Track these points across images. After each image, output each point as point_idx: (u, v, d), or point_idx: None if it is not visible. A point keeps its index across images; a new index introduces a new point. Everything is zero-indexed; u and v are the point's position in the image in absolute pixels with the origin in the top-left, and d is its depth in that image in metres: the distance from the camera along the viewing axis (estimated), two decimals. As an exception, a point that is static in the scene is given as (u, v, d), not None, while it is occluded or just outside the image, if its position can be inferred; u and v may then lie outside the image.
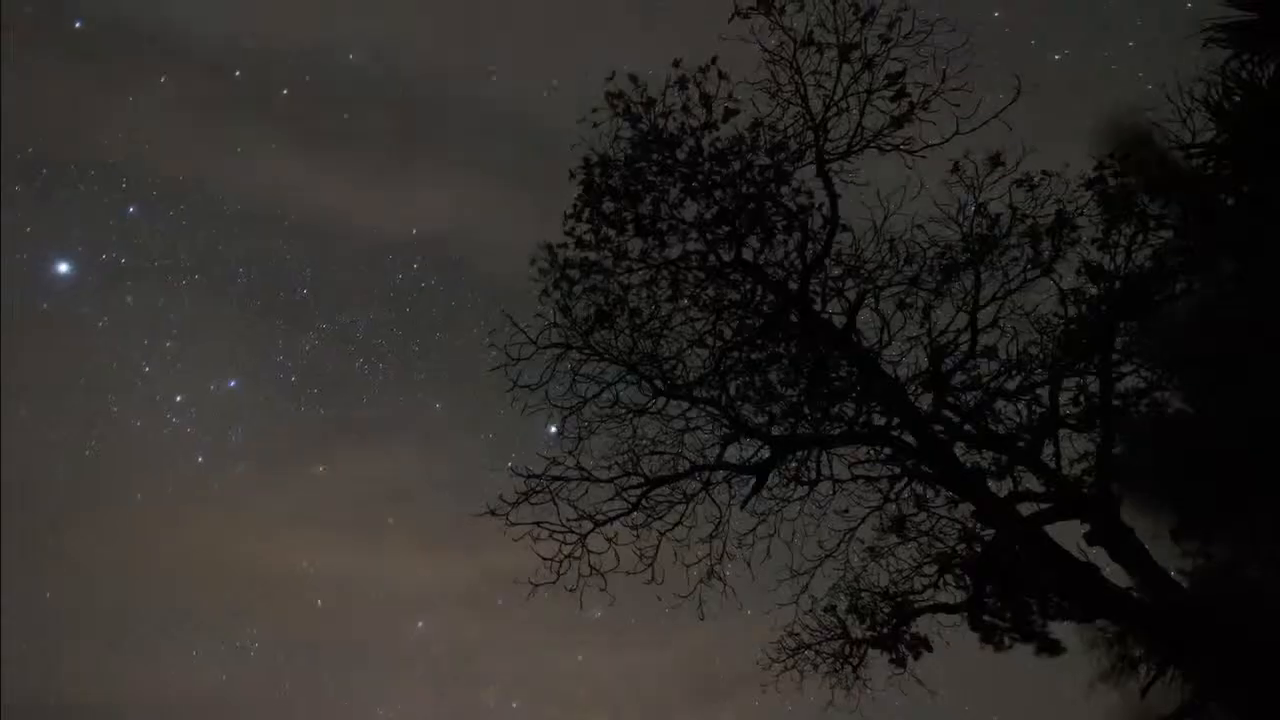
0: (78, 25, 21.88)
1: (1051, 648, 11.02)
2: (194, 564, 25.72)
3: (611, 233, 11.57)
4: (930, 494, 11.71)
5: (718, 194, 11.38)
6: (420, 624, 25.25)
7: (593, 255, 11.64)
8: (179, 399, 24.38)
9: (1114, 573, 10.20)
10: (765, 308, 11.81)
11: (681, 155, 11.34)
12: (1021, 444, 11.29)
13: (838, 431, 11.68)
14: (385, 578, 25.63)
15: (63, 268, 23.39)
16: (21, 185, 22.55)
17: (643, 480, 11.59)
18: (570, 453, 11.60)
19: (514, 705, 23.85)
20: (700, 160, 11.30)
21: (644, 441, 11.83)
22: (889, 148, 10.98)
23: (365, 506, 25.48)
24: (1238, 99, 8.85)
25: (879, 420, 11.55)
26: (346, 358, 24.97)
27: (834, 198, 11.11)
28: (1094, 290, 11.08)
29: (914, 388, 11.50)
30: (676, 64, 11.07)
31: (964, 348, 11.41)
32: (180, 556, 25.54)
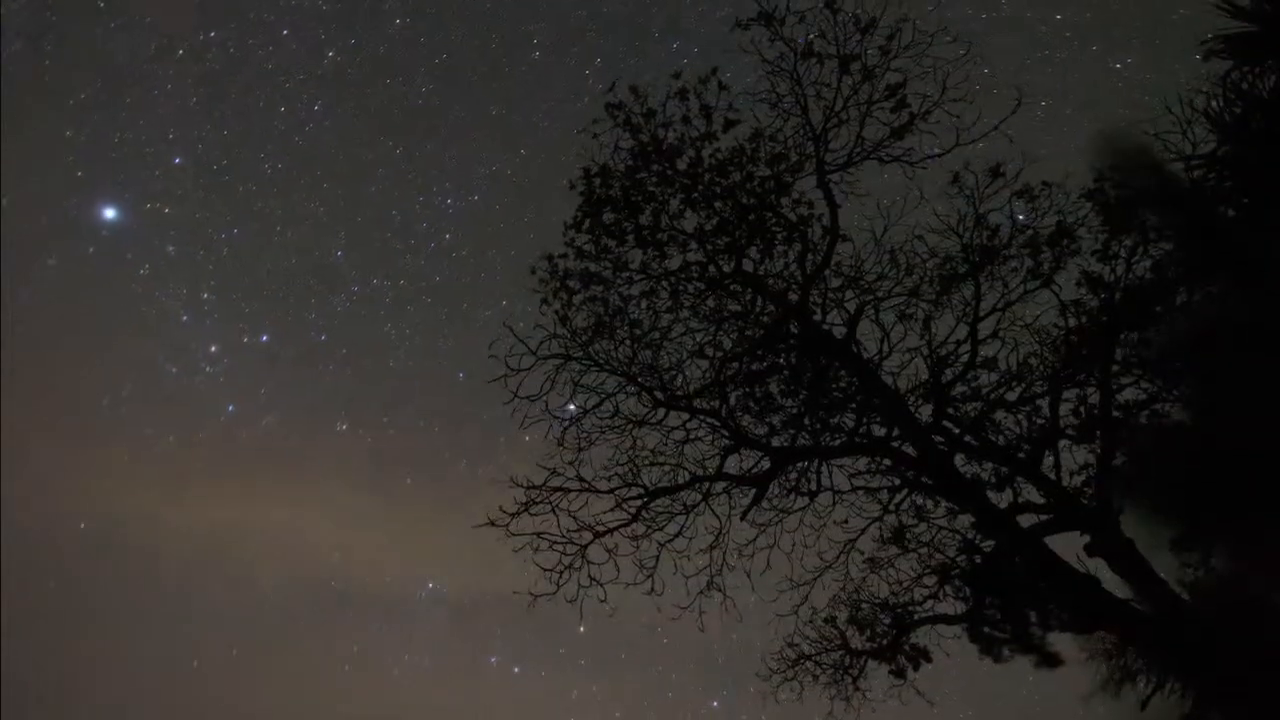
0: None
1: (1051, 660, 10.96)
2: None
3: (611, 243, 11.59)
4: (930, 505, 11.67)
5: (718, 205, 11.39)
6: (430, 585, 26.70)
7: (593, 266, 11.65)
8: (213, 349, 26.03)
9: (1114, 584, 10.19)
10: (765, 318, 11.78)
11: (682, 166, 11.37)
12: (1021, 455, 11.27)
13: (838, 443, 11.66)
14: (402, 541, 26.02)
15: (109, 213, 24.58)
16: (73, 130, 22.96)
17: (643, 491, 11.53)
18: (570, 463, 11.58)
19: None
20: (700, 171, 11.31)
21: (644, 452, 11.80)
22: (889, 159, 11.02)
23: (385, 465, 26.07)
24: (1238, 110, 8.85)
25: (879, 431, 11.54)
26: (375, 321, 25.73)
27: (834, 208, 11.15)
28: (1094, 301, 11.06)
29: (914, 399, 11.49)
30: (677, 75, 11.11)
31: (964, 359, 11.39)
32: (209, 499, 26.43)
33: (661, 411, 11.77)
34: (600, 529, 11.47)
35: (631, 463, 11.66)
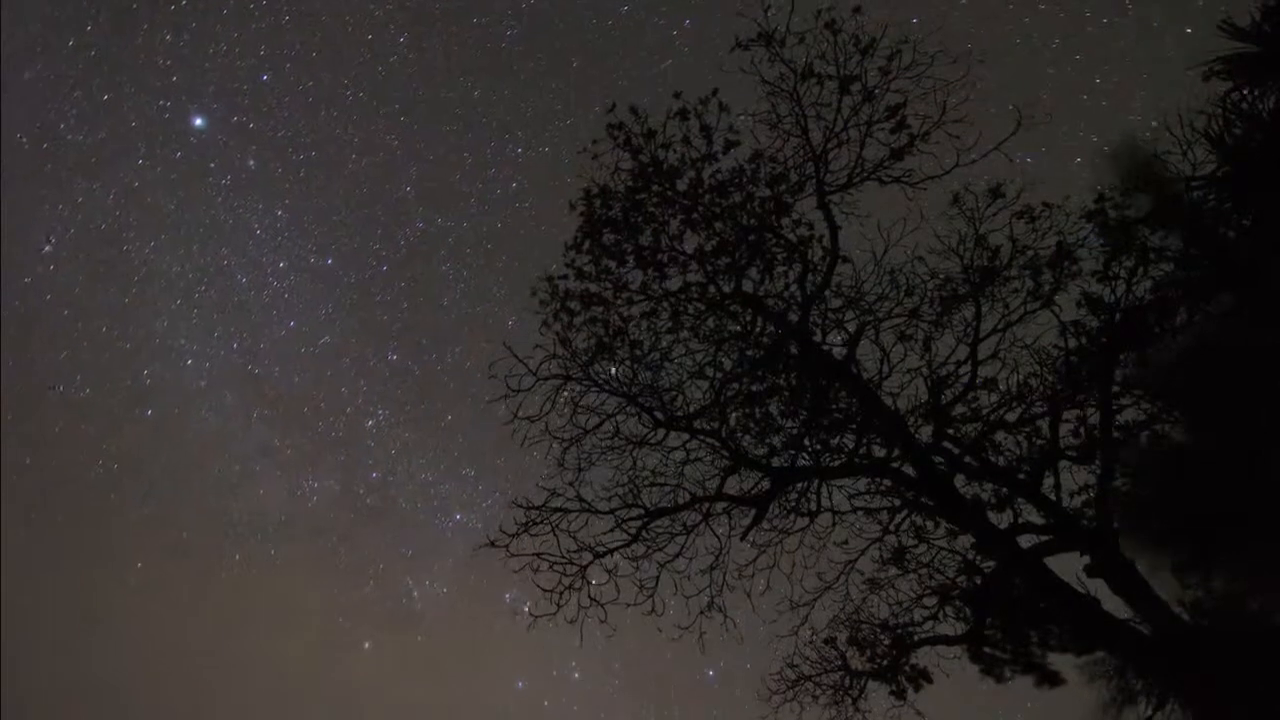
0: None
1: (1052, 680, 10.95)
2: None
3: (612, 264, 11.58)
4: (930, 526, 11.65)
5: (718, 225, 11.38)
6: (458, 516, 27.15)
7: (593, 287, 11.64)
8: (282, 264, 26.99)
9: (1114, 605, 10.18)
10: (765, 339, 11.77)
11: (682, 187, 11.36)
12: (1022, 476, 11.24)
13: (838, 463, 11.61)
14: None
15: (198, 121, 25.48)
16: (172, 34, 23.50)
17: (643, 512, 11.52)
18: (570, 484, 11.56)
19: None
20: (701, 192, 11.31)
21: (644, 473, 11.79)
22: (889, 179, 11.03)
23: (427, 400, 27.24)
24: (1238, 131, 8.87)
25: (879, 452, 11.49)
26: (435, 259, 26.50)
27: (834, 229, 11.14)
28: (1094, 322, 11.06)
29: (914, 419, 11.46)
30: (677, 95, 11.12)
31: (964, 379, 11.37)
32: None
33: (661, 432, 11.76)
34: (600, 549, 11.46)
35: (631, 483, 11.66)
